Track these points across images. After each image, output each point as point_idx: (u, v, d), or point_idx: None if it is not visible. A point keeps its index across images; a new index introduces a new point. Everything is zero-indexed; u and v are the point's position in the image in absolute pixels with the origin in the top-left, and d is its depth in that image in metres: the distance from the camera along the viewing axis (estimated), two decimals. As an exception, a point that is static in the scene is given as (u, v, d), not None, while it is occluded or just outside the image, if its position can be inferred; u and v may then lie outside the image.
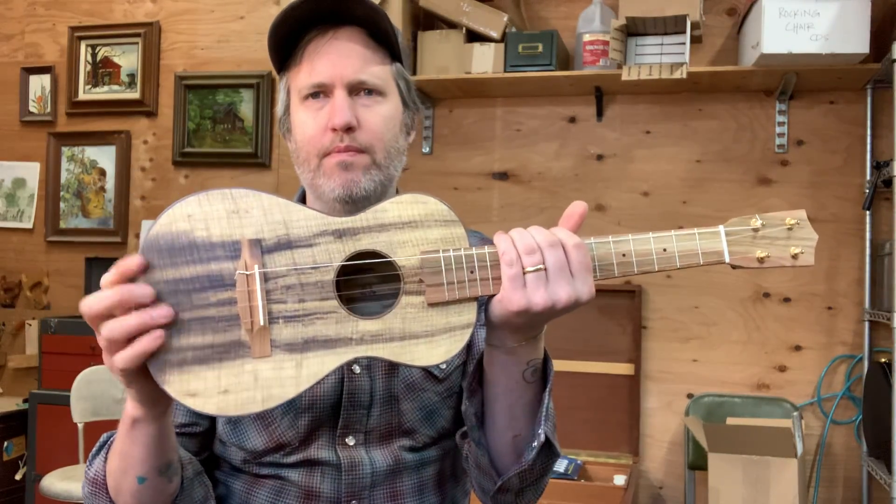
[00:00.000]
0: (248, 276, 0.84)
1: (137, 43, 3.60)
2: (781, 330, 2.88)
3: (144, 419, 0.89)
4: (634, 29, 2.72)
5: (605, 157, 3.07)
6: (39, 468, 3.19)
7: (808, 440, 2.81)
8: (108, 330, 0.80)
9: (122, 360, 0.80)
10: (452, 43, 2.96)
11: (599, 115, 3.06)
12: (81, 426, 3.01)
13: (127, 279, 0.82)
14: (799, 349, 2.87)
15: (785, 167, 2.90)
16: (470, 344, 1.12)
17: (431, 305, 0.87)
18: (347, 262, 0.87)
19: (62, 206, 3.71)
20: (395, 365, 1.05)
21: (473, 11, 2.93)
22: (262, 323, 0.83)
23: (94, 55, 3.67)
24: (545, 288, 0.85)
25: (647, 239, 0.91)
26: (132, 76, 3.62)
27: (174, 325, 0.82)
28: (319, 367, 0.84)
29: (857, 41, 2.49)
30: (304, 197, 1.16)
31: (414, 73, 3.00)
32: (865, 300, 2.79)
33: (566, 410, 2.87)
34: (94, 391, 3.03)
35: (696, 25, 2.67)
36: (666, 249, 0.91)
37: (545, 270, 0.86)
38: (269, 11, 3.43)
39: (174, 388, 0.81)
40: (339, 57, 1.04)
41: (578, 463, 2.78)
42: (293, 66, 1.07)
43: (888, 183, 2.65)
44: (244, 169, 3.48)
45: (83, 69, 3.68)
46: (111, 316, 0.81)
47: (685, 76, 2.65)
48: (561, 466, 2.72)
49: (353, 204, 1.06)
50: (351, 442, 1.08)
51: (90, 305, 0.81)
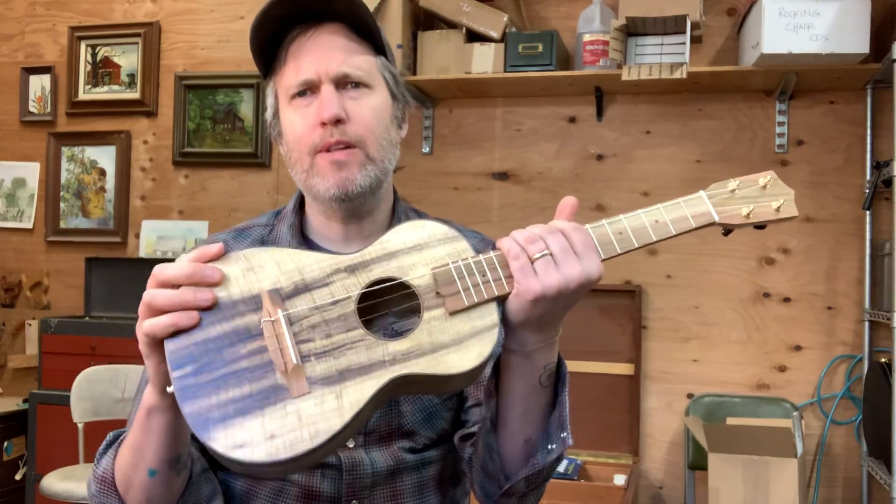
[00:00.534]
0: (273, 322, 0.87)
1: (137, 43, 3.60)
2: (781, 330, 2.88)
3: (160, 408, 0.90)
4: (634, 29, 2.72)
5: (605, 157, 3.07)
6: (39, 468, 3.19)
7: (808, 440, 2.81)
8: (152, 296, 0.86)
9: (151, 325, 0.85)
10: (452, 43, 2.96)
11: (599, 115, 3.06)
12: (81, 426, 3.01)
13: (206, 262, 0.89)
14: (799, 349, 2.87)
15: (785, 167, 2.90)
16: None
17: (453, 314, 0.89)
18: (365, 290, 0.90)
19: (62, 206, 3.71)
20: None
21: (473, 11, 2.93)
22: (295, 361, 0.85)
23: (94, 55, 3.67)
24: (555, 270, 0.87)
25: (637, 215, 0.96)
26: (132, 76, 3.62)
27: (211, 384, 0.84)
28: (359, 394, 0.85)
29: (857, 41, 2.49)
30: (302, 199, 1.16)
31: (414, 73, 3.00)
32: (865, 300, 2.79)
33: (566, 410, 2.86)
34: (94, 391, 3.03)
35: (696, 25, 2.67)
36: (658, 221, 0.96)
37: (551, 255, 0.88)
38: (269, 11, 3.44)
39: (220, 443, 0.81)
40: (322, 52, 1.04)
41: (578, 463, 2.78)
42: (278, 68, 1.08)
43: (888, 183, 2.65)
44: (244, 169, 3.48)
45: (83, 69, 3.68)
46: (169, 283, 0.87)
47: (685, 76, 2.65)
48: (561, 466, 2.71)
49: (349, 202, 1.06)
50: (351, 444, 1.08)
51: (165, 270, 0.87)
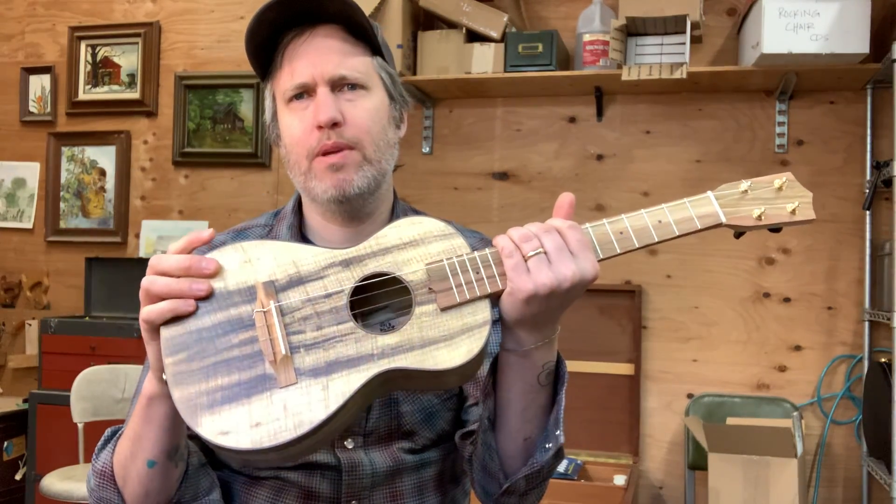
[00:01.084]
0: (265, 312, 0.88)
1: (137, 43, 3.60)
2: (781, 330, 2.88)
3: (160, 396, 0.91)
4: (634, 29, 2.72)
5: (605, 157, 3.07)
6: (39, 468, 3.19)
7: (808, 440, 2.81)
8: (150, 282, 0.88)
9: (149, 311, 0.88)
10: (452, 43, 2.96)
11: (599, 115, 3.06)
12: (81, 426, 3.01)
13: (195, 248, 0.92)
14: (799, 349, 2.87)
15: (785, 167, 2.90)
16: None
17: (444, 310, 0.89)
18: (357, 284, 0.90)
19: (62, 206, 3.71)
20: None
21: (473, 11, 2.93)
22: (283, 352, 0.86)
23: (94, 55, 3.67)
24: (548, 269, 0.87)
25: (640, 215, 0.94)
26: (132, 76, 3.62)
27: (201, 371, 0.86)
28: (345, 385, 0.86)
29: (857, 41, 2.49)
30: (301, 200, 1.16)
31: (414, 73, 3.00)
32: (865, 300, 2.79)
33: (566, 410, 2.86)
34: (94, 391, 3.03)
35: (696, 25, 2.67)
36: (661, 221, 0.94)
37: (545, 253, 0.88)
38: (269, 11, 3.44)
39: (206, 429, 0.84)
40: (317, 55, 1.04)
41: (578, 463, 2.78)
42: (275, 71, 1.08)
43: (888, 183, 2.65)
44: (244, 169, 3.48)
45: (83, 69, 3.68)
46: (166, 274, 0.89)
47: (685, 76, 2.65)
48: (561, 466, 2.72)
49: (347, 203, 1.06)
50: (350, 445, 1.08)
51: (162, 260, 0.89)
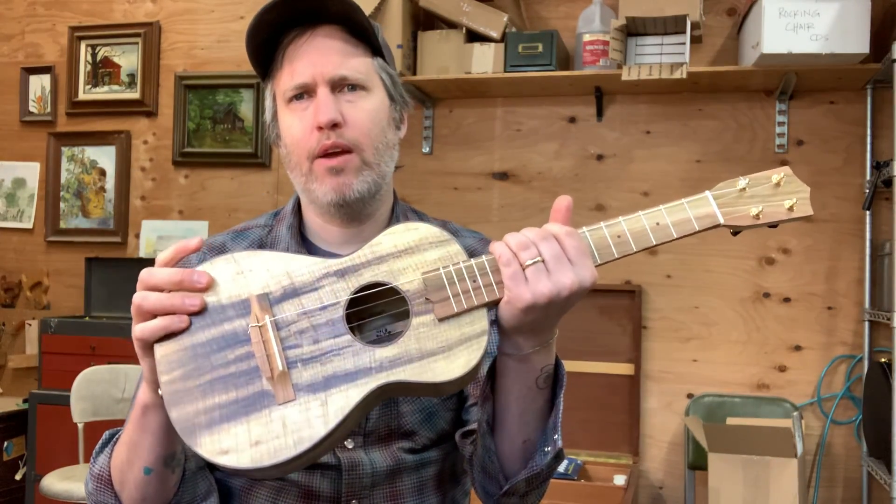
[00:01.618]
0: (260, 327, 0.87)
1: (137, 43, 3.60)
2: (781, 330, 2.88)
3: (155, 405, 0.91)
4: (634, 29, 2.72)
5: (605, 157, 3.07)
6: (39, 468, 3.19)
7: (808, 440, 2.81)
8: (142, 298, 0.87)
9: (142, 329, 0.86)
10: (452, 43, 2.96)
11: (599, 115, 3.06)
12: (81, 426, 3.01)
13: (183, 257, 0.89)
14: (799, 349, 2.87)
15: (785, 167, 2.89)
16: None
17: (442, 320, 0.88)
18: (353, 295, 0.89)
19: (62, 206, 3.71)
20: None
21: (473, 11, 2.93)
22: (281, 368, 0.85)
23: (94, 55, 3.67)
24: (547, 278, 0.86)
25: (637, 217, 0.92)
26: (132, 76, 3.62)
27: (197, 389, 0.85)
28: (345, 401, 0.85)
29: (857, 41, 2.49)
30: (300, 201, 1.16)
31: (414, 73, 3.00)
32: (865, 300, 2.79)
33: (566, 410, 2.85)
34: (94, 391, 3.03)
35: (696, 25, 2.67)
36: (659, 223, 0.92)
37: (543, 262, 0.86)
38: (269, 11, 3.44)
39: (206, 449, 0.83)
40: (318, 55, 1.04)
41: (578, 463, 2.78)
42: (275, 71, 1.07)
43: (888, 183, 2.65)
44: (244, 169, 3.48)
45: (83, 69, 3.68)
46: (157, 289, 0.87)
47: (685, 76, 2.65)
48: (561, 466, 2.70)
49: (347, 207, 1.06)
50: (350, 444, 1.07)
51: (154, 275, 0.87)
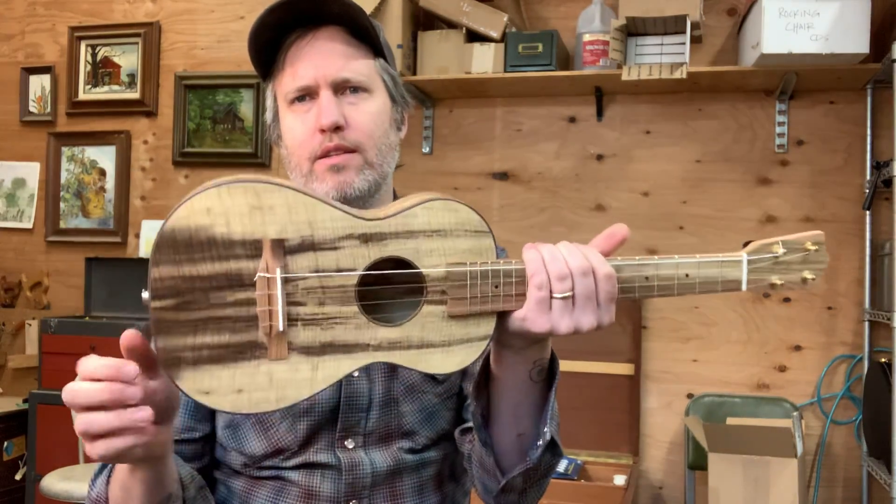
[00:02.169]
0: (268, 279, 0.82)
1: (137, 43, 3.60)
2: (781, 330, 2.88)
3: (143, 467, 0.88)
4: (634, 29, 2.72)
5: (605, 157, 3.07)
6: (39, 468, 3.19)
7: (808, 440, 2.81)
8: (86, 424, 0.77)
9: (98, 451, 0.78)
10: (452, 43, 2.96)
11: (599, 115, 3.06)
12: (81, 426, 3.01)
13: (120, 380, 0.78)
14: (799, 349, 2.87)
15: (785, 167, 2.90)
16: None
17: (452, 317, 0.86)
18: (370, 270, 0.86)
19: (62, 206, 3.71)
20: (396, 368, 1.05)
21: (473, 11, 2.93)
22: (280, 328, 0.82)
23: (94, 55, 3.67)
24: (570, 315, 0.84)
25: (673, 264, 0.89)
26: (132, 76, 3.62)
27: (189, 324, 0.81)
28: (335, 370, 0.84)
29: (857, 41, 2.49)
30: None
31: (414, 73, 3.00)
32: (865, 300, 2.79)
33: (566, 410, 2.85)
34: (94, 391, 3.02)
35: (696, 25, 2.67)
36: (688, 275, 0.89)
37: (573, 297, 0.84)
38: (269, 11, 3.44)
39: (187, 385, 0.80)
40: (320, 57, 1.04)
41: (578, 463, 2.78)
42: (277, 71, 1.07)
43: (888, 183, 2.65)
44: (244, 169, 3.48)
45: (83, 69, 3.68)
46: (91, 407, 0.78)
47: (685, 76, 2.65)
48: (561, 466, 2.71)
49: (347, 204, 1.06)
50: (350, 444, 1.08)
51: (75, 396, 0.77)
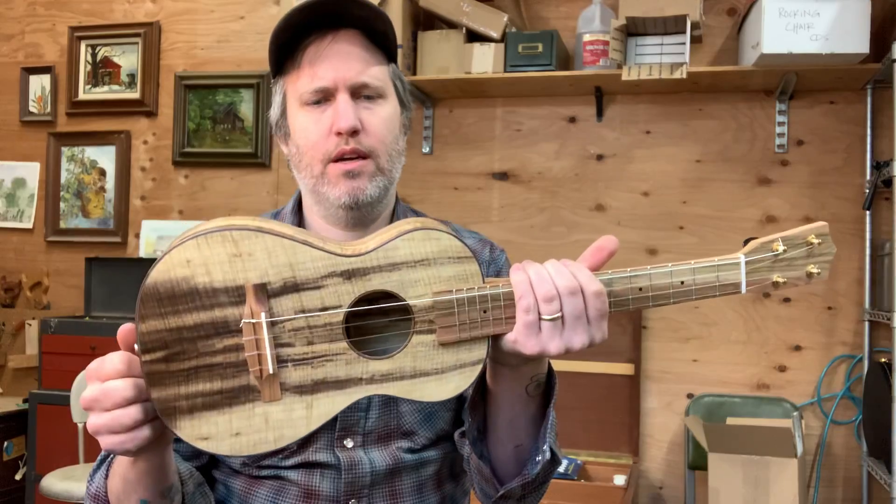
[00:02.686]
0: (254, 324, 0.83)
1: (137, 43, 3.60)
2: (781, 330, 2.88)
3: (145, 456, 0.89)
4: (634, 29, 2.72)
5: (605, 157, 3.07)
6: (39, 468, 3.19)
7: (808, 440, 2.81)
8: (105, 422, 0.82)
9: (104, 444, 0.83)
10: (452, 43, 2.96)
11: (599, 115, 3.06)
12: (81, 426, 3.01)
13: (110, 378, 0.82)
14: (799, 349, 2.87)
15: (785, 167, 2.90)
16: None
17: (443, 345, 0.86)
18: (356, 307, 0.86)
19: (62, 206, 3.71)
20: None
21: (473, 11, 2.93)
22: (270, 371, 0.83)
23: (94, 55, 3.67)
24: (560, 336, 0.84)
25: (666, 272, 0.87)
26: (132, 76, 3.62)
27: (181, 374, 0.82)
28: (330, 406, 0.85)
29: (857, 41, 2.49)
30: (300, 200, 1.16)
31: (414, 73, 3.00)
32: (865, 300, 2.79)
33: (566, 410, 2.87)
34: (94, 391, 3.02)
35: (696, 25, 2.67)
36: (684, 283, 0.88)
37: (562, 318, 0.84)
38: (269, 11, 3.44)
39: (186, 433, 0.82)
40: (340, 60, 1.03)
41: (578, 463, 2.78)
42: (292, 70, 1.07)
43: (888, 183, 2.65)
44: (244, 169, 3.48)
45: (83, 69, 3.68)
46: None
47: (685, 76, 2.65)
48: (561, 466, 2.70)
49: (357, 210, 1.06)
50: (349, 444, 1.08)
51: (95, 398, 0.82)
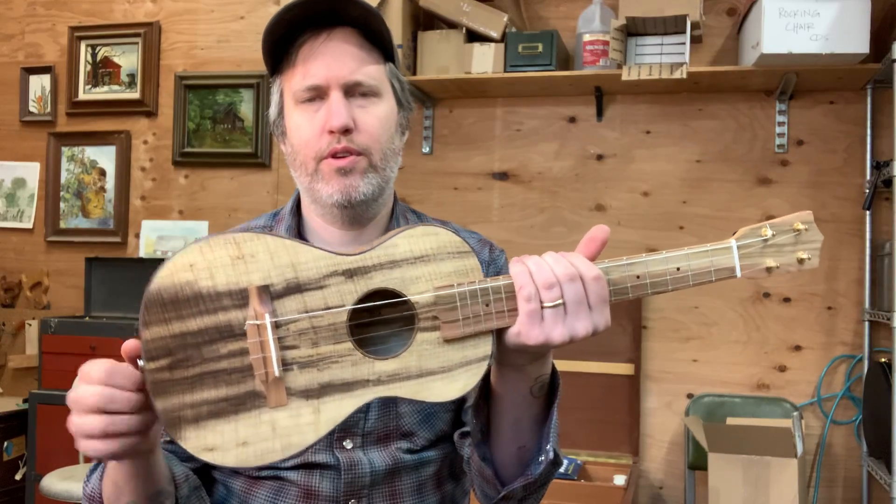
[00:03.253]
0: (258, 325, 0.82)
1: (137, 43, 3.60)
2: (781, 330, 2.88)
3: (129, 462, 0.89)
4: (634, 29, 2.72)
5: (605, 157, 3.07)
6: (39, 468, 3.19)
7: (808, 440, 2.81)
8: (76, 426, 0.83)
9: (84, 449, 0.83)
10: (452, 43, 2.96)
11: (599, 115, 3.06)
12: (81, 426, 3.01)
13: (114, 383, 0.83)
14: (799, 349, 2.87)
15: (785, 167, 2.90)
16: None
17: (447, 341, 0.86)
18: (359, 304, 0.85)
19: (62, 206, 3.71)
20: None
21: (473, 11, 2.93)
22: (276, 374, 0.82)
23: (94, 55, 3.67)
24: (563, 323, 0.84)
25: (661, 259, 0.89)
26: (132, 76, 3.62)
27: (185, 382, 0.81)
28: (337, 411, 0.83)
29: (857, 41, 2.49)
30: (299, 201, 1.16)
31: (414, 73, 3.00)
32: (865, 300, 2.79)
33: (566, 410, 2.85)
34: (94, 391, 3.02)
35: (696, 25, 2.67)
36: (679, 269, 0.89)
37: (564, 305, 0.84)
38: (268, 11, 3.43)
39: (191, 444, 0.80)
40: (333, 58, 1.03)
41: (578, 463, 2.78)
42: (287, 68, 1.07)
43: (888, 183, 2.65)
44: (244, 169, 3.48)
45: (83, 69, 3.68)
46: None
47: (685, 76, 2.65)
48: (561, 466, 2.71)
49: (351, 208, 1.06)
50: (349, 445, 1.07)
51: (74, 401, 0.84)
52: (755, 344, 2.90)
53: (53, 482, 2.84)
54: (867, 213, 2.77)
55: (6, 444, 3.37)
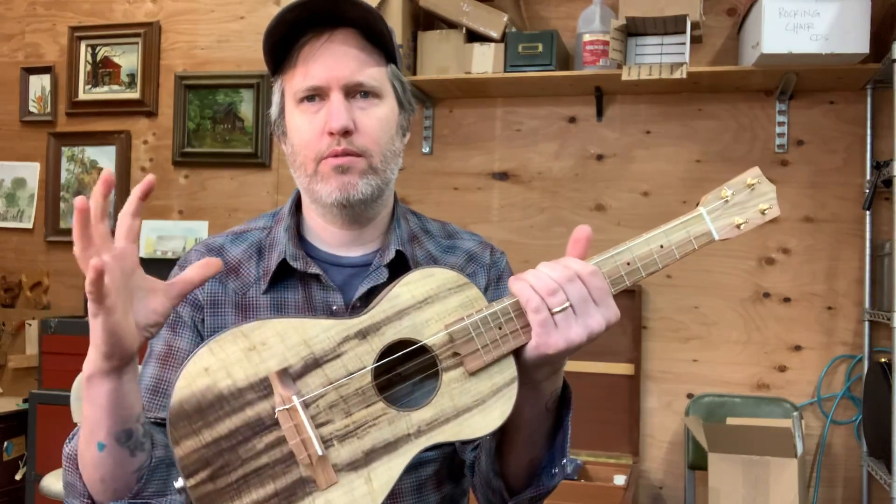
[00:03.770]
0: (289, 410, 0.81)
1: (137, 43, 3.60)
2: (781, 330, 2.88)
3: (98, 374, 0.85)
4: (634, 29, 2.72)
5: (605, 157, 3.07)
6: (39, 468, 3.19)
7: (808, 440, 2.81)
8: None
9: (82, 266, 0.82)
10: (452, 43, 2.96)
11: (599, 115, 3.06)
12: (81, 426, 3.01)
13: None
14: (799, 349, 2.87)
15: (785, 167, 2.90)
16: None
17: (473, 374, 0.86)
18: (379, 361, 0.85)
19: (62, 206, 3.71)
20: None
21: (473, 11, 2.92)
22: (319, 453, 0.80)
23: (94, 55, 3.67)
24: (576, 323, 0.86)
25: (642, 242, 0.92)
26: (132, 76, 3.62)
27: (231, 488, 0.79)
28: (388, 473, 0.83)
29: (857, 41, 2.49)
30: (299, 201, 1.16)
31: (414, 73, 3.00)
32: (865, 300, 2.79)
33: (566, 410, 2.86)
34: (94, 391, 3.02)
35: (696, 25, 2.67)
36: (662, 246, 0.92)
37: (571, 307, 0.86)
38: (268, 11, 3.43)
39: None
40: (334, 59, 1.03)
41: (578, 463, 2.78)
42: (288, 68, 1.07)
43: (888, 183, 2.65)
44: (244, 169, 3.48)
45: (83, 69, 3.68)
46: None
47: (685, 76, 2.65)
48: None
49: (350, 208, 1.06)
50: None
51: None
52: (755, 344, 2.90)
53: (53, 482, 2.84)
54: (867, 213, 2.77)
55: (6, 444, 3.37)
